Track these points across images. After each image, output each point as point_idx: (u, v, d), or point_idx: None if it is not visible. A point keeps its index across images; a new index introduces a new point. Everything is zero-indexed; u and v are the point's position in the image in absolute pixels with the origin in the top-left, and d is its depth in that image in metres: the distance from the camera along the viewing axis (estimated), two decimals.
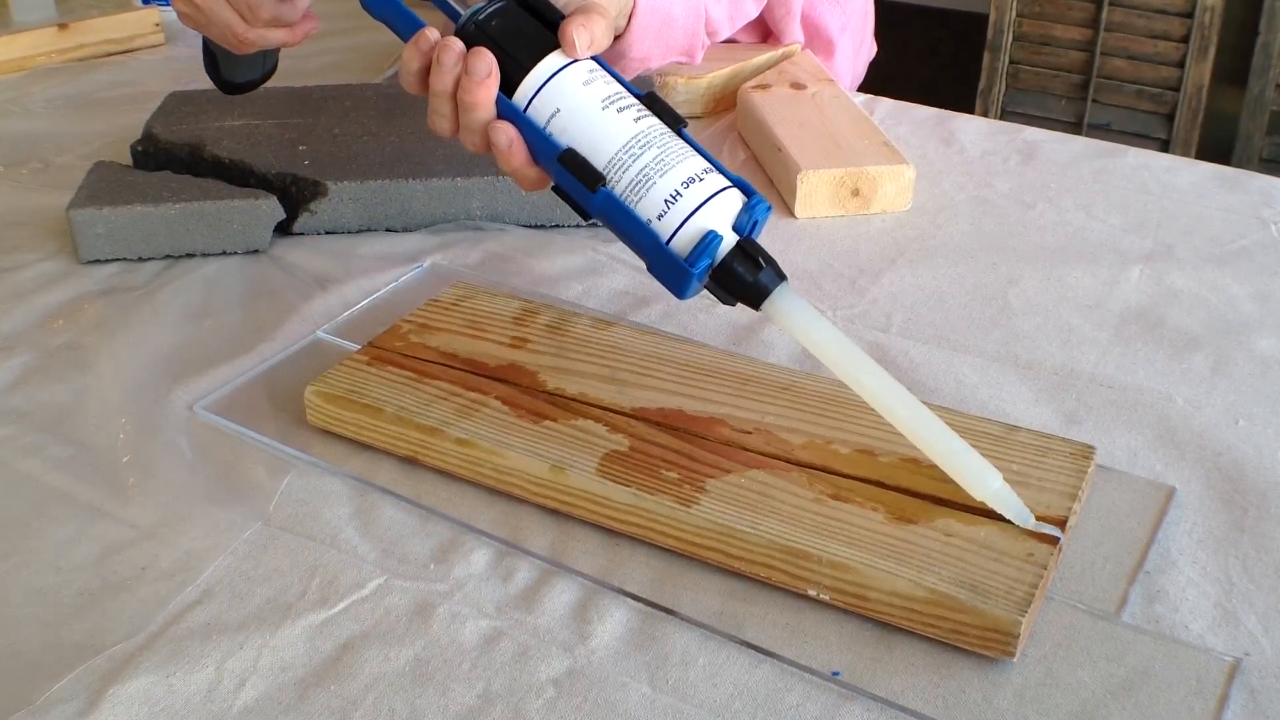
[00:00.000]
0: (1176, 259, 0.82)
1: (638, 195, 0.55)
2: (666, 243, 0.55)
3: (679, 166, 0.55)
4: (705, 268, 0.55)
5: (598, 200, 0.56)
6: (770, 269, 0.55)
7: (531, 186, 0.60)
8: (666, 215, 0.55)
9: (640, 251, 0.56)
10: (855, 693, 0.49)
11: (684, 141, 0.57)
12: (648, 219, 0.55)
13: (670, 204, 0.54)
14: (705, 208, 0.54)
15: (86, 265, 0.81)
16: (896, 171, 0.87)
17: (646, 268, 0.56)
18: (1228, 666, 0.50)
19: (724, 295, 0.56)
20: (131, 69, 1.20)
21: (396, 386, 0.63)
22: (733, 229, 0.55)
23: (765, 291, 0.55)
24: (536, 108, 0.57)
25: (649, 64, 0.95)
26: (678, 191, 0.54)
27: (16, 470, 0.62)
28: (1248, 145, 2.27)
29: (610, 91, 0.57)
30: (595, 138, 0.56)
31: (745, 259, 0.54)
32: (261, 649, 0.51)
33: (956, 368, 0.70)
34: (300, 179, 0.84)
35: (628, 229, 0.56)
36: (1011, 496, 0.53)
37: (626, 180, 0.55)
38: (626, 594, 0.54)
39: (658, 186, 0.55)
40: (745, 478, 0.56)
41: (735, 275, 0.55)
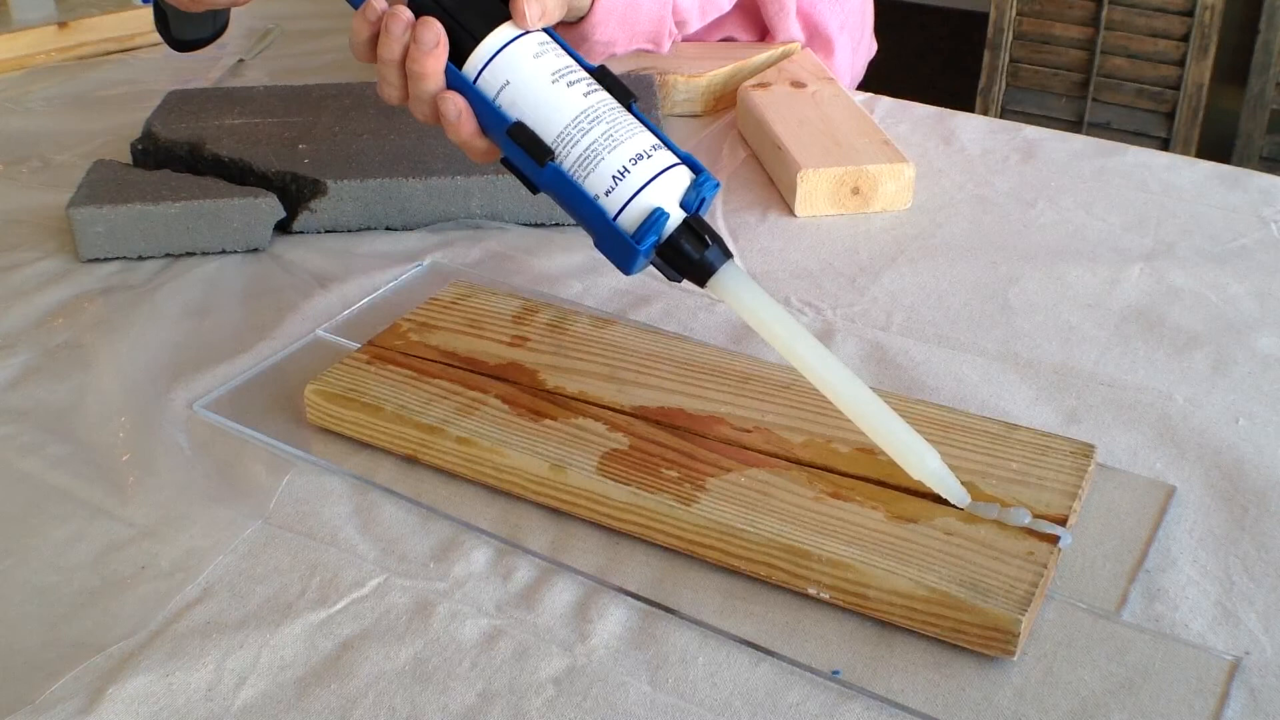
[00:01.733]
0: (1177, 257, 0.81)
1: (585, 171, 0.55)
2: (613, 219, 0.55)
3: (627, 142, 0.55)
4: (652, 244, 0.55)
5: (545, 175, 0.56)
6: (717, 246, 0.55)
7: (481, 158, 0.60)
8: (614, 191, 0.55)
9: (588, 227, 0.56)
10: (855, 691, 0.49)
11: (634, 117, 0.57)
12: (595, 195, 0.55)
13: (618, 180, 0.55)
14: (652, 184, 0.55)
15: (86, 264, 0.81)
16: (896, 170, 0.87)
17: (594, 243, 0.56)
18: (1228, 665, 0.50)
19: (670, 272, 0.56)
20: (131, 67, 1.20)
21: (396, 385, 0.63)
22: (680, 206, 0.55)
23: (711, 269, 0.55)
24: (486, 79, 0.57)
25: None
26: (625, 168, 0.55)
27: (16, 469, 0.62)
28: (1248, 144, 2.27)
29: (561, 65, 0.57)
30: (544, 111, 0.56)
31: (692, 236, 0.55)
32: (261, 647, 0.51)
33: (957, 366, 0.70)
34: (300, 177, 0.83)
35: (575, 204, 0.56)
36: (949, 477, 0.53)
37: (574, 155, 0.55)
38: (626, 593, 0.54)
39: (605, 162, 0.55)
40: (745, 476, 0.56)
41: (682, 252, 0.55)
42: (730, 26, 1.16)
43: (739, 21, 1.16)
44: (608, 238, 0.55)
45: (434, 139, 0.88)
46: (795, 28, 1.15)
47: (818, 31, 1.17)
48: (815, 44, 1.18)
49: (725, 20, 1.16)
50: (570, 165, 0.55)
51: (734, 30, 1.17)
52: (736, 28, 1.16)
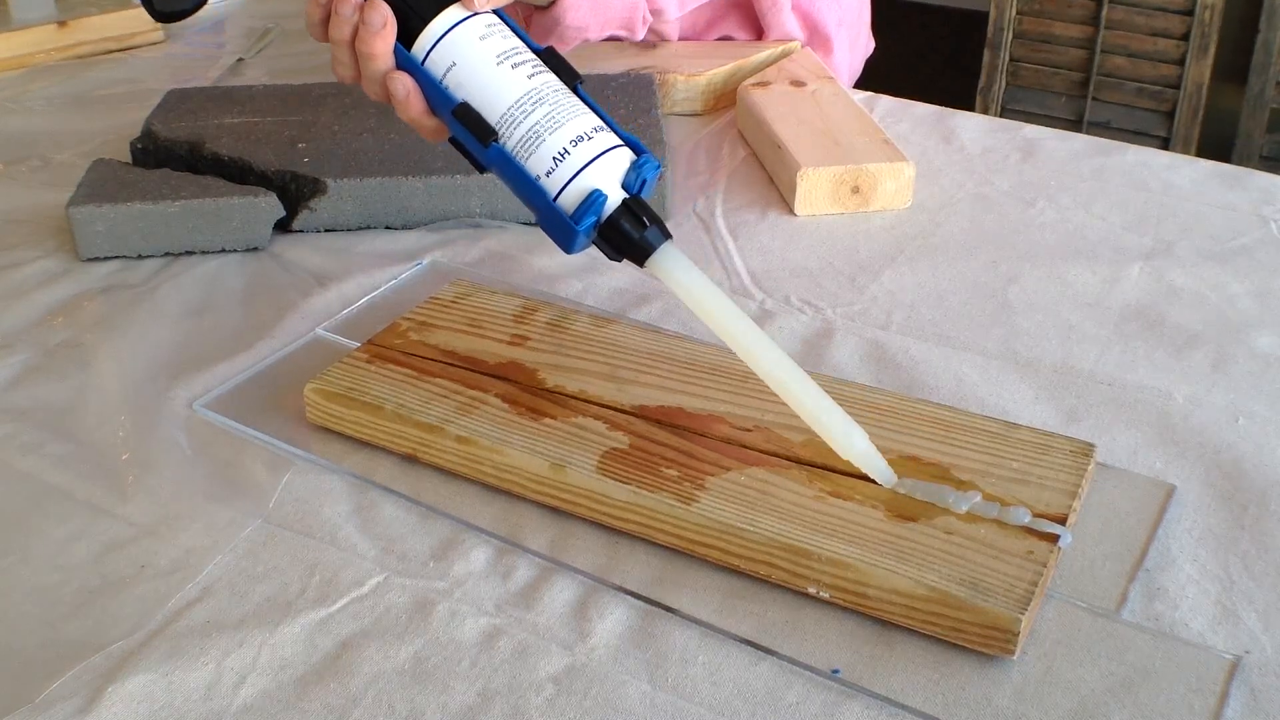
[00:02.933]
0: (1176, 256, 0.81)
1: (528, 151, 0.56)
2: (554, 199, 0.56)
3: (569, 124, 0.56)
4: (590, 225, 0.56)
5: (490, 155, 0.57)
6: (656, 227, 0.56)
7: (431, 136, 0.61)
8: (555, 172, 0.56)
9: (530, 206, 0.58)
10: (855, 690, 0.49)
11: (578, 99, 0.58)
12: (536, 175, 0.56)
13: (558, 161, 0.56)
14: (592, 166, 0.56)
15: (86, 263, 0.81)
16: (896, 169, 0.87)
17: (537, 221, 0.57)
18: (1228, 664, 0.50)
19: (611, 252, 0.57)
20: (131, 66, 1.20)
21: (396, 384, 0.63)
22: (622, 187, 0.56)
23: (649, 249, 0.56)
24: (434, 60, 0.58)
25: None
26: (566, 149, 0.56)
27: (16, 468, 0.62)
28: (1248, 143, 2.27)
29: (507, 47, 0.58)
30: (489, 93, 0.57)
31: (631, 217, 0.56)
32: (261, 646, 0.51)
33: (956, 365, 0.70)
34: (300, 176, 0.83)
35: (518, 184, 0.57)
36: (876, 457, 0.54)
37: (517, 136, 0.56)
38: (626, 592, 0.54)
39: (547, 143, 0.56)
40: (745, 475, 0.56)
41: (621, 232, 0.56)
42: (727, 25, 1.16)
43: (736, 20, 1.16)
44: (549, 217, 0.57)
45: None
46: (791, 24, 1.15)
47: (816, 29, 1.17)
48: (813, 41, 1.18)
49: (721, 19, 1.16)
50: (513, 146, 0.57)
51: (730, 29, 1.17)
52: (733, 26, 1.16)
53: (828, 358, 0.70)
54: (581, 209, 0.55)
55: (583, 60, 1.09)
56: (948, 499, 0.54)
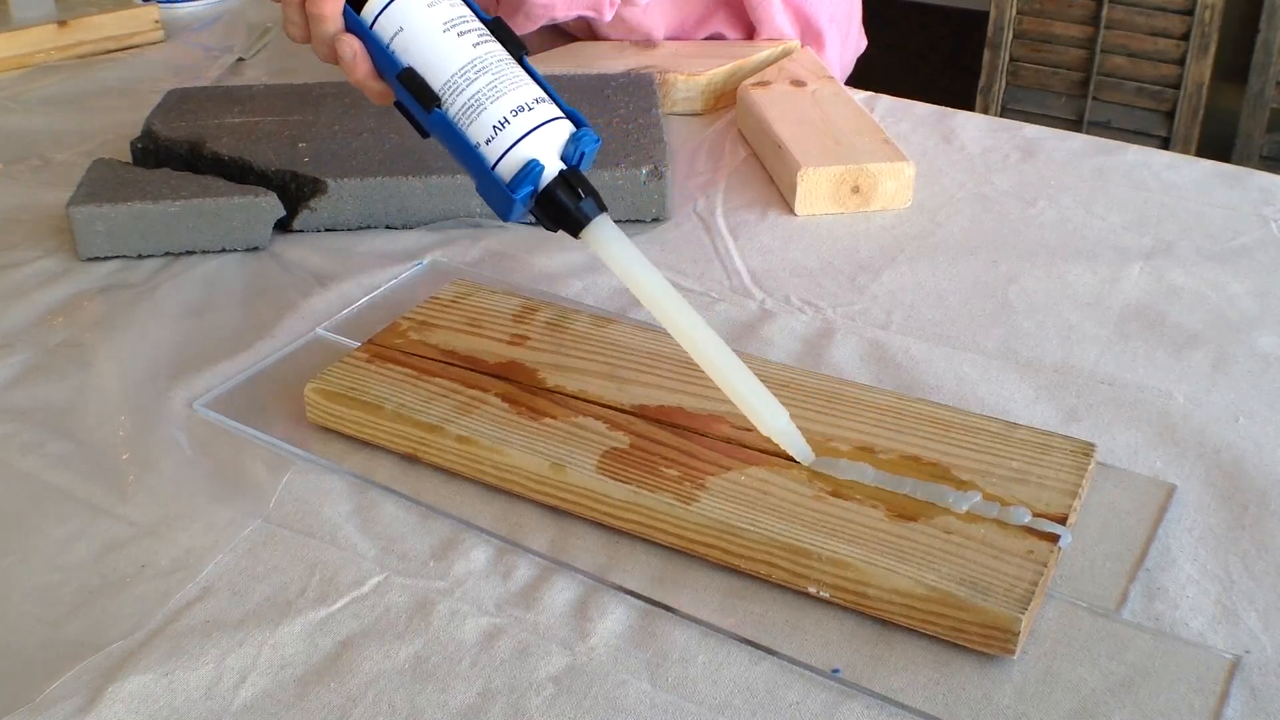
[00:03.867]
0: (1177, 256, 0.81)
1: (469, 119, 0.57)
2: (492, 167, 0.57)
3: (510, 94, 0.57)
4: (527, 194, 0.57)
5: (432, 121, 0.58)
6: (591, 199, 0.57)
7: (377, 99, 0.62)
8: (494, 140, 0.57)
9: (470, 173, 0.58)
10: (855, 690, 0.49)
11: (522, 70, 0.59)
12: (476, 143, 0.57)
13: (498, 130, 0.57)
14: (531, 136, 0.57)
15: (86, 262, 0.81)
16: (897, 169, 0.87)
17: (476, 188, 0.58)
18: (1228, 664, 0.50)
19: (547, 222, 0.58)
20: (131, 66, 1.20)
21: (396, 384, 0.63)
22: (561, 158, 0.57)
23: (583, 221, 0.57)
24: (382, 24, 0.59)
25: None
26: (506, 119, 0.57)
27: (16, 468, 0.62)
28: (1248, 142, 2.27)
29: (453, 15, 0.59)
30: (433, 59, 0.58)
31: (567, 188, 0.57)
32: (261, 646, 0.51)
33: (957, 365, 0.70)
34: (300, 176, 0.83)
35: (458, 151, 0.58)
36: (796, 436, 0.56)
37: (460, 104, 0.57)
38: (626, 591, 0.54)
39: (488, 112, 0.57)
40: (745, 475, 0.56)
41: (557, 203, 0.57)
42: (716, 22, 1.16)
43: (725, 17, 1.16)
44: (487, 185, 0.58)
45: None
46: (782, 20, 1.14)
47: (809, 25, 1.17)
48: (805, 38, 1.17)
49: (710, 16, 1.16)
50: (455, 113, 0.58)
51: (720, 25, 1.16)
52: (723, 23, 1.16)
53: (828, 357, 0.70)
54: (518, 178, 0.56)
55: (582, 60, 1.09)
56: (948, 498, 0.54)
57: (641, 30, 1.15)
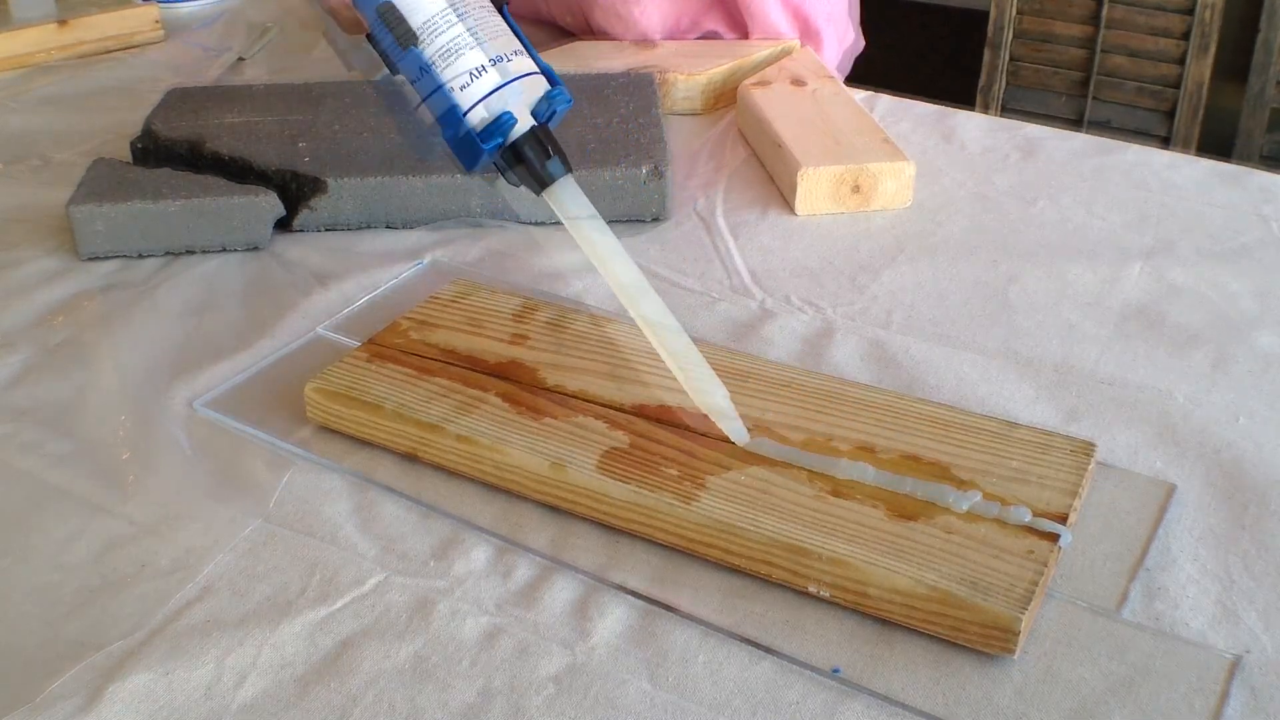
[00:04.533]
0: (1177, 256, 0.81)
1: (445, 63, 0.57)
2: (464, 114, 0.57)
3: (490, 43, 0.57)
4: (497, 145, 0.57)
5: (406, 59, 0.57)
6: (559, 158, 0.57)
7: (348, 28, 0.62)
8: (468, 88, 0.56)
9: (438, 119, 0.58)
10: (855, 689, 0.49)
11: (502, 20, 0.58)
12: (450, 88, 0.57)
13: (474, 77, 0.56)
14: (506, 88, 0.56)
15: (86, 262, 0.81)
16: (897, 168, 0.87)
17: (442, 134, 0.58)
18: (1228, 664, 0.50)
19: (511, 176, 0.58)
20: (131, 65, 1.20)
21: (396, 383, 0.63)
22: (532, 114, 0.57)
23: (549, 179, 0.57)
24: None
25: None
26: (483, 67, 0.56)
27: (15, 467, 0.62)
28: (1248, 142, 2.27)
29: None
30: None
31: (536, 145, 0.57)
32: (261, 646, 0.51)
33: (957, 364, 0.69)
34: (300, 175, 0.83)
35: (429, 94, 0.58)
36: (733, 415, 0.57)
37: (437, 46, 0.57)
38: (626, 591, 0.54)
39: (465, 58, 0.56)
40: (745, 474, 0.56)
41: (524, 158, 0.57)
42: (712, 21, 1.16)
43: (722, 17, 1.16)
44: (455, 133, 0.57)
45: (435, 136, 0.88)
46: (779, 18, 1.14)
47: (806, 24, 1.16)
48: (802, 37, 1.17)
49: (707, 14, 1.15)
50: (431, 55, 0.57)
51: (716, 24, 1.16)
52: (717, 21, 1.16)
53: (828, 357, 0.70)
54: (489, 129, 0.56)
55: (582, 59, 1.09)
56: (948, 498, 0.54)
57: (638, 28, 1.14)
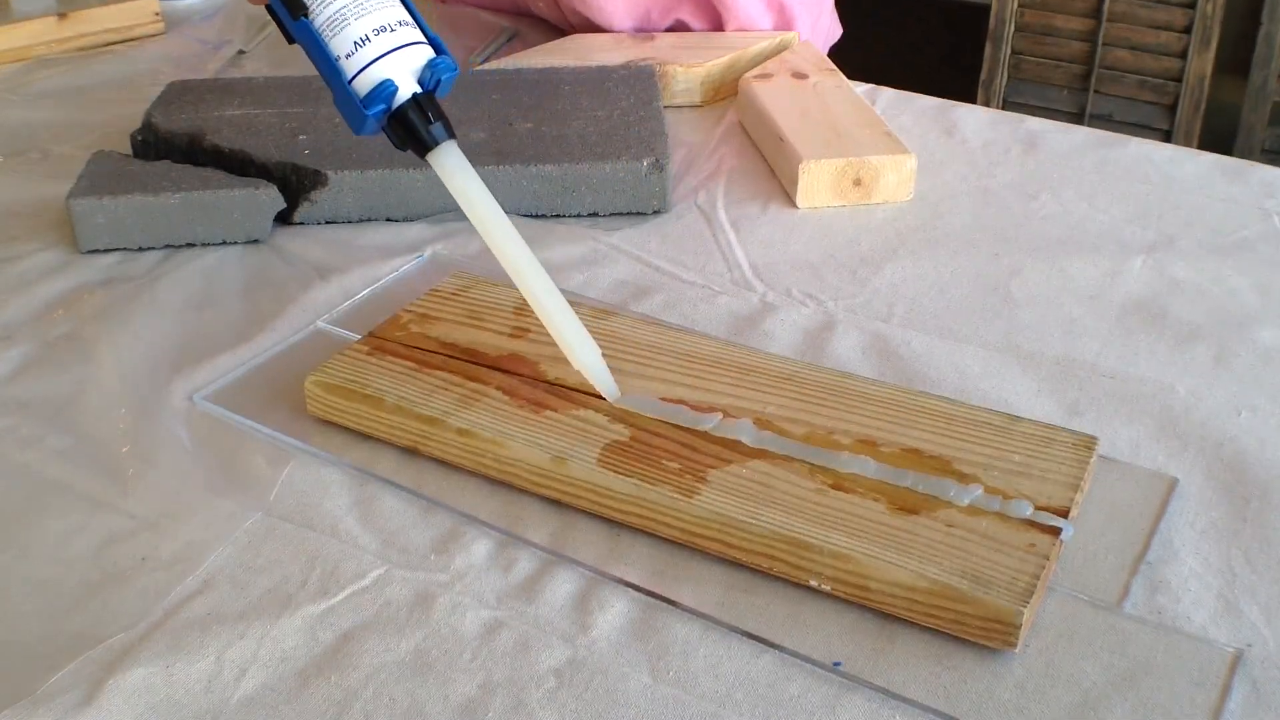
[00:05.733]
0: (1178, 250, 0.81)
1: (333, 32, 0.59)
2: (349, 82, 0.59)
3: (375, 13, 0.59)
4: (379, 112, 0.59)
5: (298, 28, 0.60)
6: (441, 124, 0.59)
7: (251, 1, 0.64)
8: (353, 56, 0.58)
9: (328, 85, 0.60)
10: (857, 683, 0.49)
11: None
12: (337, 57, 0.59)
13: (358, 46, 0.58)
14: (389, 57, 0.58)
15: (86, 255, 0.81)
16: (898, 161, 0.87)
17: (334, 100, 0.60)
18: (1230, 658, 0.49)
19: (397, 141, 0.60)
20: (131, 59, 1.19)
21: (397, 376, 0.62)
22: (418, 82, 0.59)
23: (431, 144, 0.59)
24: None
25: None
26: (367, 36, 0.58)
27: (15, 461, 0.62)
28: (1250, 136, 2.27)
29: None
30: None
31: (419, 111, 0.59)
32: (262, 639, 0.51)
33: (958, 358, 0.69)
34: (300, 168, 0.83)
35: (320, 63, 0.60)
36: (604, 373, 0.60)
37: (325, 16, 0.59)
38: (627, 584, 0.54)
39: (351, 28, 0.58)
40: (746, 468, 0.56)
41: (408, 124, 0.59)
42: (683, 12, 1.16)
43: (693, 9, 1.16)
44: (343, 99, 0.59)
45: None
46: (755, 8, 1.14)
47: (781, 11, 1.16)
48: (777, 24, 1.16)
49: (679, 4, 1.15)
50: (320, 24, 0.59)
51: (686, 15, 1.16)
52: (690, 13, 1.16)
53: (829, 350, 0.70)
54: (371, 95, 0.58)
55: (580, 53, 1.09)
56: (950, 492, 0.54)
57: (603, 17, 1.14)
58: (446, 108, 0.61)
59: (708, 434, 0.58)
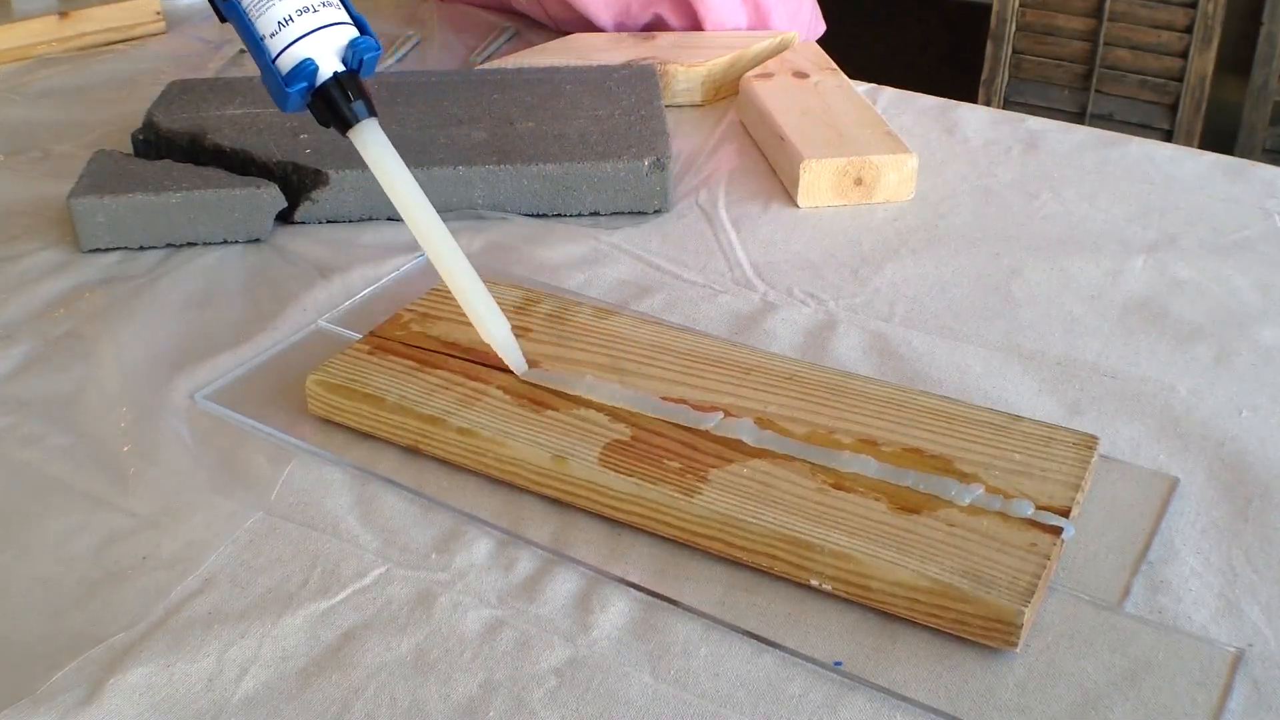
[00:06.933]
0: (1179, 249, 0.81)
1: (259, 12, 0.60)
2: (273, 60, 0.60)
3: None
4: (301, 90, 0.61)
5: (228, 7, 0.62)
6: (363, 102, 0.61)
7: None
8: (277, 35, 0.60)
9: (257, 63, 0.62)
10: (857, 683, 0.49)
11: None
12: (262, 36, 0.60)
13: (282, 26, 0.60)
14: (311, 36, 0.60)
15: (87, 254, 0.81)
16: (899, 161, 0.87)
17: (261, 78, 0.62)
18: (1230, 657, 0.49)
19: (321, 118, 0.62)
20: (132, 58, 1.19)
21: (398, 376, 0.62)
22: (340, 61, 0.61)
23: (352, 121, 0.61)
24: None
25: None
26: (290, 16, 0.60)
27: (17, 460, 0.62)
28: (1251, 135, 2.27)
29: None
30: None
31: (340, 90, 0.60)
32: (263, 638, 0.51)
33: (959, 358, 0.69)
34: (301, 168, 0.83)
35: (248, 41, 0.61)
36: (513, 348, 0.62)
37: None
38: (628, 584, 0.53)
39: (275, 8, 0.60)
40: (747, 467, 0.56)
41: (330, 102, 0.61)
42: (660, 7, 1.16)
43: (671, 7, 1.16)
44: (268, 77, 0.61)
45: (436, 129, 0.88)
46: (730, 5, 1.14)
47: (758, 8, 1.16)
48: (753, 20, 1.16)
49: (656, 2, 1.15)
50: (248, 4, 0.61)
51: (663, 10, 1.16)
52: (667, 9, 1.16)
53: (830, 350, 0.70)
54: (293, 74, 0.60)
55: (581, 53, 1.09)
56: (951, 491, 0.54)
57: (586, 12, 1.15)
58: (447, 104, 0.61)
59: (709, 433, 0.58)
